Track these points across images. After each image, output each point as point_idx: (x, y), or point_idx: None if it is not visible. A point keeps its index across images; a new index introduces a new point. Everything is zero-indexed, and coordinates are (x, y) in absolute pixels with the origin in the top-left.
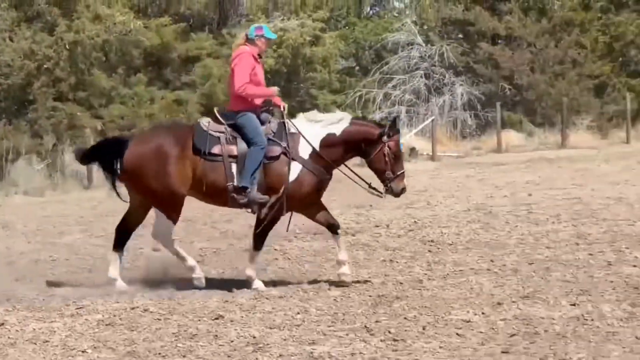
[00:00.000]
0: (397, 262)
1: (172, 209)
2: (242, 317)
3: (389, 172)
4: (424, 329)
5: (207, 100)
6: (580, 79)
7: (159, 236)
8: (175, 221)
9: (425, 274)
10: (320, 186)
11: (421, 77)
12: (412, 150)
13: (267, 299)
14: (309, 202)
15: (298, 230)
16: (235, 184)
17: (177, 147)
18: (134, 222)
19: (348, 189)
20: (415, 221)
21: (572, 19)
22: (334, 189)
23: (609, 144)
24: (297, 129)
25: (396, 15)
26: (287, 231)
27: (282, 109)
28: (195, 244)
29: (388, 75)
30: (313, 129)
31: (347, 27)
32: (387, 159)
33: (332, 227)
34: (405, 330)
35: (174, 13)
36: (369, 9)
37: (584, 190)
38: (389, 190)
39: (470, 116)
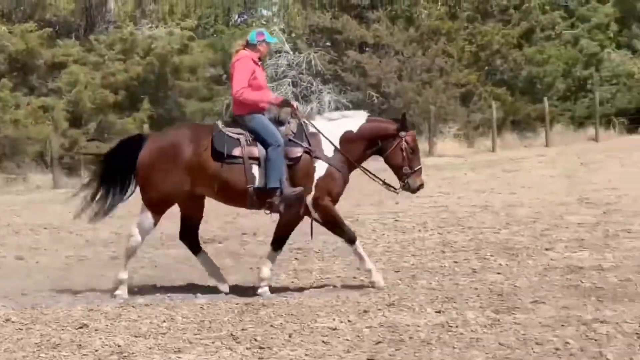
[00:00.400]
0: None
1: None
2: (107, 325)
3: (406, 167)
4: (290, 336)
5: (74, 107)
6: (447, 87)
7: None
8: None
9: (292, 282)
10: (346, 184)
11: (289, 84)
12: None
13: (133, 307)
14: (337, 200)
15: (165, 237)
16: (256, 186)
17: (192, 147)
18: (197, 217)
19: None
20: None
21: (439, 27)
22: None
23: (475, 152)
24: (316, 128)
25: (264, 23)
26: (311, 238)
27: (294, 108)
28: (61, 252)
29: None
30: (331, 127)
31: (215, 35)
32: (404, 154)
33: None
34: (272, 338)
35: (39, 19)
36: (236, 17)
37: (450, 198)
38: (406, 186)
39: None
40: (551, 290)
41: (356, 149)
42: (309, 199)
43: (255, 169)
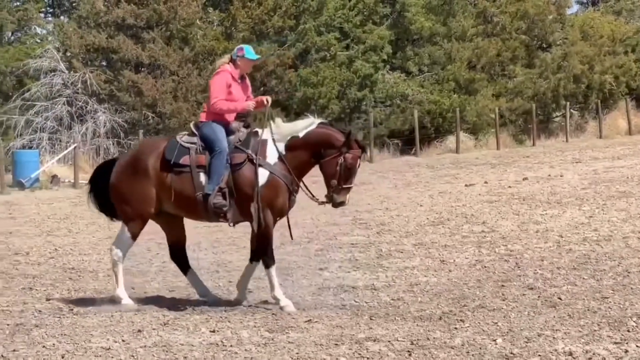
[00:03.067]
0: (37, 289)
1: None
2: None
3: (334, 181)
4: (62, 357)
5: None
6: None
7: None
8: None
9: (66, 302)
10: (291, 194)
11: (64, 104)
12: (54, 177)
13: None
14: (282, 210)
15: None
16: (204, 192)
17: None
18: (180, 239)
19: None
20: (56, 249)
21: (214, 47)
22: None
23: None
24: (272, 134)
25: (39, 41)
26: (292, 239)
27: (266, 102)
28: None
29: (30, 102)
30: (282, 133)
31: None
32: (338, 167)
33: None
34: (44, 359)
35: None
36: (10, 34)
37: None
38: (329, 199)
39: (113, 144)
40: (325, 310)
41: (299, 157)
42: (251, 207)
43: (203, 177)
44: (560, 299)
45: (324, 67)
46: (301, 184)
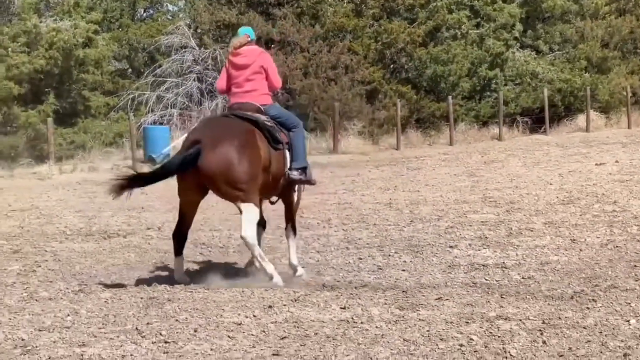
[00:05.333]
0: (168, 264)
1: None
2: (10, 319)
3: None
4: (195, 331)
5: None
6: (353, 84)
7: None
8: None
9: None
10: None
11: (194, 80)
12: None
13: (36, 300)
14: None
15: (69, 231)
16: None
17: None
18: (188, 225)
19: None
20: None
21: (344, 24)
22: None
23: (379, 150)
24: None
25: (170, 18)
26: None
27: None
28: None
29: (161, 78)
30: None
31: (120, 29)
32: None
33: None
34: (177, 333)
35: None
36: (142, 11)
37: (354, 195)
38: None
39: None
40: (455, 287)
41: None
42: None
43: (288, 154)
44: None
45: (455, 45)
46: None
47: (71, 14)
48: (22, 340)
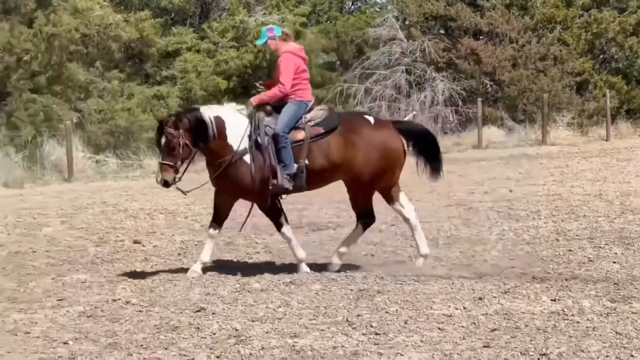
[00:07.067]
0: (378, 256)
1: None
2: (224, 309)
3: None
4: (405, 323)
5: (187, 94)
6: (562, 75)
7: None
8: None
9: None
10: None
11: (402, 72)
12: None
13: (248, 292)
14: None
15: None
16: None
17: None
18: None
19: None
20: (396, 216)
21: (554, 15)
22: None
23: (589, 141)
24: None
25: (378, 10)
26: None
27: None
28: (176, 237)
29: (369, 70)
30: None
31: (328, 22)
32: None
33: None
34: (387, 324)
35: (155, 7)
36: (351, 3)
37: (563, 186)
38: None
39: (452, 112)
40: None
41: None
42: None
43: None
44: None
45: None
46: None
47: (280, 7)
48: (236, 330)
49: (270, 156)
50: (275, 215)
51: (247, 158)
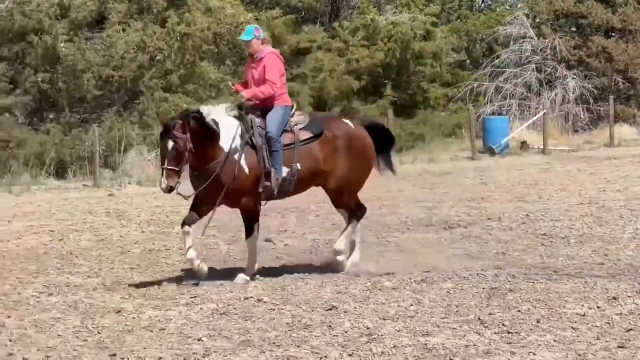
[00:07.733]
0: (509, 254)
1: None
2: (356, 308)
3: None
4: (537, 322)
5: (318, 92)
6: None
7: None
8: None
9: (538, 268)
10: None
11: (533, 70)
12: (523, 143)
13: (380, 290)
14: None
15: (410, 222)
16: None
17: None
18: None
19: (458, 183)
20: (527, 214)
21: None
22: (441, 183)
23: None
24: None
25: (508, 8)
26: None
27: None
28: (307, 236)
29: (499, 69)
30: None
31: (459, 20)
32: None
33: None
34: (519, 323)
35: (285, 5)
36: (481, 1)
37: None
38: None
39: (582, 110)
40: None
41: None
42: None
43: None
44: None
45: None
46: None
47: (410, 7)
48: (368, 328)
49: (264, 158)
50: (253, 220)
51: (239, 159)
